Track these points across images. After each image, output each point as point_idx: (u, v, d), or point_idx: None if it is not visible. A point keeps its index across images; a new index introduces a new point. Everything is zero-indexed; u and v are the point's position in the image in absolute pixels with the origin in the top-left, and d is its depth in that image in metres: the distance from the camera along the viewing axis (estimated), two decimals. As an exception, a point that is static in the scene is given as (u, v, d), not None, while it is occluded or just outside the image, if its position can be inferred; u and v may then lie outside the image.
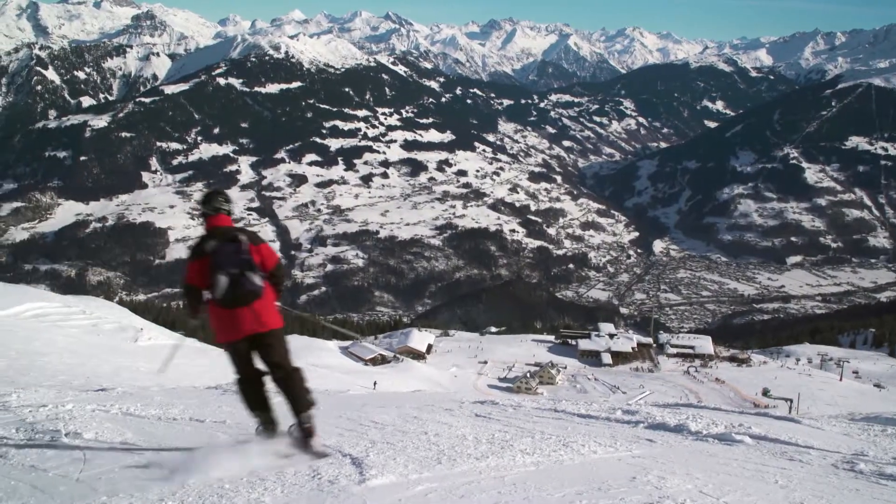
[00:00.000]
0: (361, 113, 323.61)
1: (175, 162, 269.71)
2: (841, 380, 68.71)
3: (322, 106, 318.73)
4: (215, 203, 6.15)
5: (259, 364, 6.11)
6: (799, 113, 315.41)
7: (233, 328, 5.93)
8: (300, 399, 6.07)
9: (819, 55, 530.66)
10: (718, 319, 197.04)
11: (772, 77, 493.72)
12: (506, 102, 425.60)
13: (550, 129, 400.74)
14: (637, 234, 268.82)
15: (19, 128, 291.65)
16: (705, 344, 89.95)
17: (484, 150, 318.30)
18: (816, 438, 7.88)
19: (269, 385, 6.24)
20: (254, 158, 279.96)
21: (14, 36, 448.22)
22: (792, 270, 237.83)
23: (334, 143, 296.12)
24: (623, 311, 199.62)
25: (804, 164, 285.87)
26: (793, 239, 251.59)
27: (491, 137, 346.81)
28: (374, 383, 45.42)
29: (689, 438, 7.79)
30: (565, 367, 77.78)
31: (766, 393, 60.08)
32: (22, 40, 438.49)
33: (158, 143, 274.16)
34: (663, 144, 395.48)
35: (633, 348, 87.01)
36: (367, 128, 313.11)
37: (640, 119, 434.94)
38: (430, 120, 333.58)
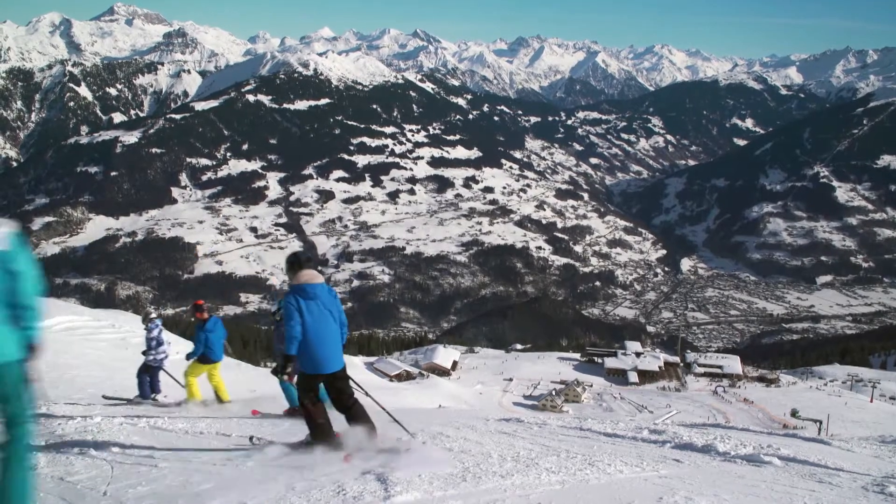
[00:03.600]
0: (389, 129, 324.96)
1: (204, 178, 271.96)
2: (871, 401, 67.64)
3: (350, 122, 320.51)
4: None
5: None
6: (829, 131, 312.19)
7: None
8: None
9: (850, 73, 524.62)
10: (747, 339, 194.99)
11: (802, 95, 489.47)
12: (533, 119, 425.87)
13: (578, 147, 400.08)
14: (664, 252, 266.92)
15: (52, 143, 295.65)
16: (733, 363, 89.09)
17: (511, 167, 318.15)
18: (846, 461, 7.78)
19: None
20: (282, 174, 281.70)
21: (47, 53, 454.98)
22: (822, 290, 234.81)
23: (361, 160, 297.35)
24: (650, 329, 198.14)
25: (835, 183, 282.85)
26: (823, 258, 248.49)
27: (518, 154, 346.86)
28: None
29: (717, 459, 7.72)
30: (591, 386, 77.37)
31: (794, 414, 59.29)
32: (55, 57, 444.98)
33: (188, 159, 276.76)
34: (691, 162, 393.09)
35: (659, 367, 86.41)
36: (394, 144, 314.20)
37: (669, 136, 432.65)
38: (457, 137, 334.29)
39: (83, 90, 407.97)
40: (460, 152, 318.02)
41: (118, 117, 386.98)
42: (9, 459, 4.24)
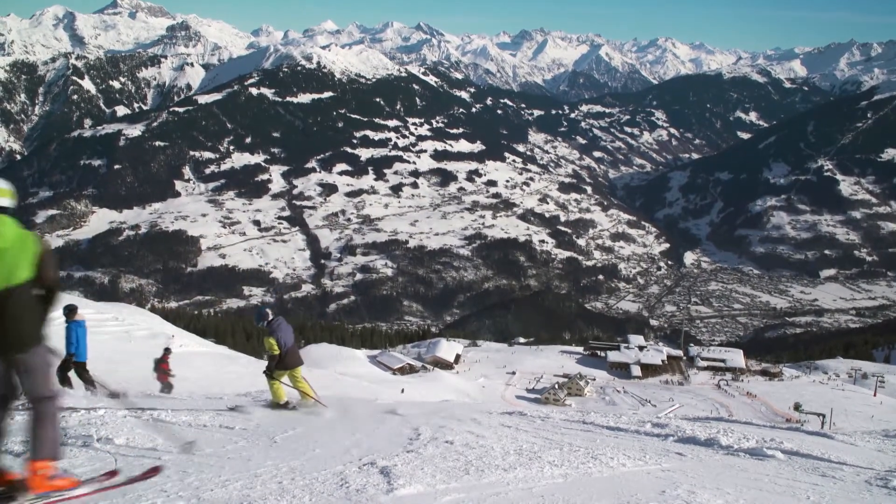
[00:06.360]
0: (392, 123, 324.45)
1: (208, 171, 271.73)
2: (875, 395, 67.59)
3: (353, 116, 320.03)
4: None
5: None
6: (833, 124, 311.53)
7: None
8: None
9: (854, 66, 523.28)
10: (750, 333, 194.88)
11: (806, 88, 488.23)
12: (536, 113, 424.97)
13: (581, 140, 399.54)
14: (668, 245, 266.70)
15: (55, 136, 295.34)
16: (736, 357, 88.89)
17: (514, 161, 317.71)
18: (849, 454, 7.78)
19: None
20: (285, 167, 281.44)
21: (51, 46, 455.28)
22: (825, 284, 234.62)
23: (364, 153, 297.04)
24: (653, 323, 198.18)
25: (839, 177, 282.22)
26: (826, 252, 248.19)
27: (521, 148, 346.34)
28: (402, 390, 45.42)
29: (720, 453, 7.72)
30: (594, 379, 77.26)
31: (797, 408, 59.11)
32: (59, 50, 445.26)
33: (191, 152, 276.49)
34: (695, 156, 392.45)
35: (662, 361, 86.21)
36: (397, 138, 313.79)
37: (672, 130, 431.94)
38: (461, 130, 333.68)
39: (87, 83, 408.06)
40: (463, 146, 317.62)
41: (121, 110, 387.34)
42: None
